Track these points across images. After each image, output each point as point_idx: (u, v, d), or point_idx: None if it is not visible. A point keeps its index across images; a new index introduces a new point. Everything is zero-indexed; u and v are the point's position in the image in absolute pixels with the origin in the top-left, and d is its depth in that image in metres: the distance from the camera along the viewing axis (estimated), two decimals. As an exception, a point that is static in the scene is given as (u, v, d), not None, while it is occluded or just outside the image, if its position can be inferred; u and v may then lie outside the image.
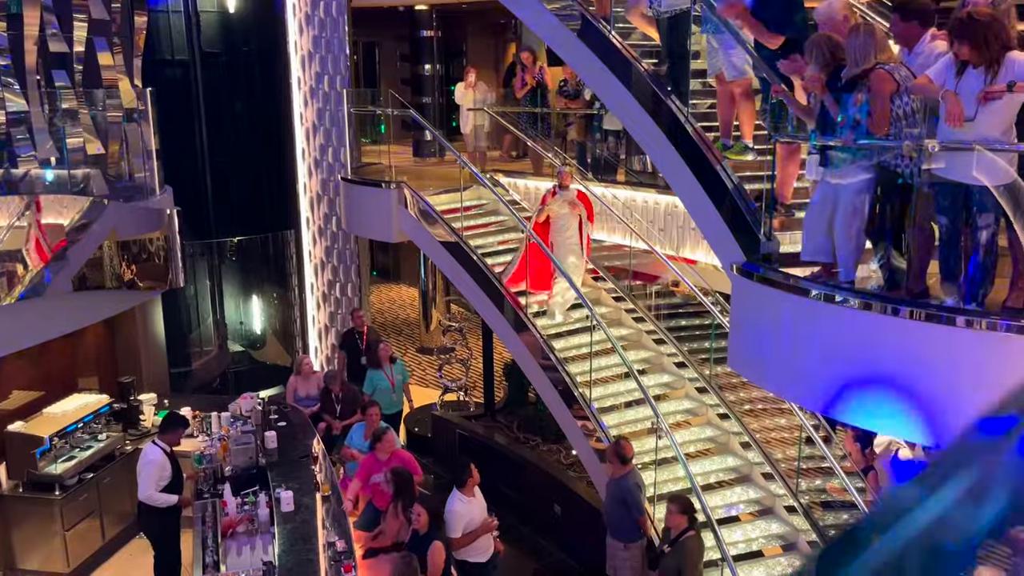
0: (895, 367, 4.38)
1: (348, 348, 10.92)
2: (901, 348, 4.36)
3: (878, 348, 4.46)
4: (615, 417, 8.41)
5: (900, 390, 4.35)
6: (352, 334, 11.01)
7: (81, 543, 8.16)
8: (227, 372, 12.72)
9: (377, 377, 9.81)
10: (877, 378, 4.43)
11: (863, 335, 4.54)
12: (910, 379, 4.30)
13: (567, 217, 9.07)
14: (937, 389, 4.23)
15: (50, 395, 8.72)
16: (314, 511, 7.00)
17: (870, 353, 4.50)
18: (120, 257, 8.92)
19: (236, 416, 8.71)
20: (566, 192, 9.06)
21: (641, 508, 7.00)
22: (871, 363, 4.48)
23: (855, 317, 4.59)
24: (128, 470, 7.81)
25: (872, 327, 4.48)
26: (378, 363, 9.83)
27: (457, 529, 6.65)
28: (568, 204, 9.05)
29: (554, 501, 8.69)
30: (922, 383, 4.28)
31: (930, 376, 4.25)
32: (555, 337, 9.02)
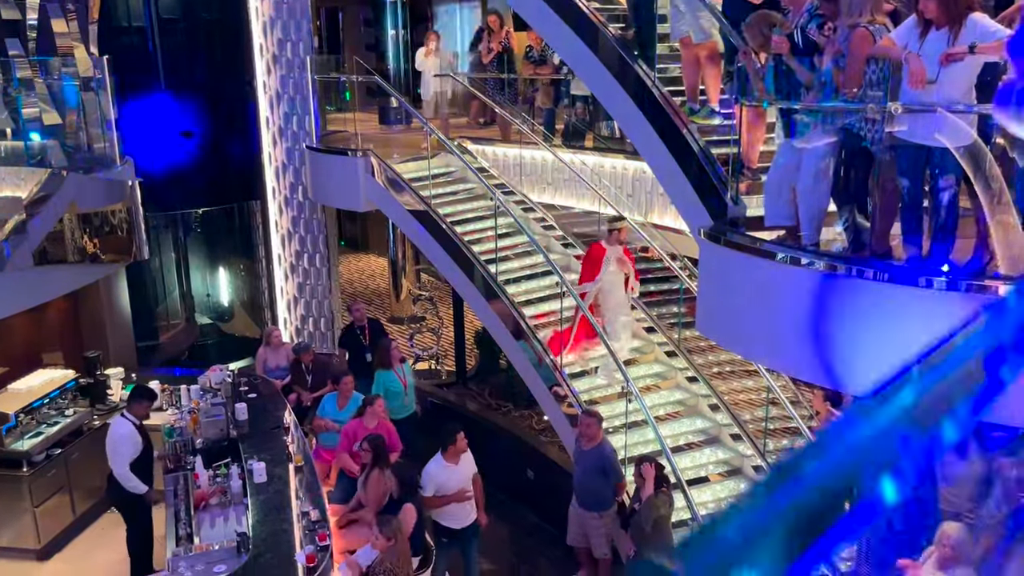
0: (860, 327, 4.46)
1: (350, 345, 10.04)
2: (866, 308, 4.44)
3: (844, 309, 4.53)
4: (586, 382, 8.48)
5: (865, 350, 4.43)
6: (352, 330, 10.10)
7: (51, 519, 8.10)
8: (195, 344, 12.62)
9: (388, 378, 8.92)
10: (843, 339, 4.52)
11: (829, 297, 4.61)
12: (875, 339, 4.38)
13: (615, 276, 8.33)
14: (901, 349, 4.31)
15: (14, 371, 8.59)
16: (287, 482, 7.00)
17: (836, 314, 4.58)
18: (81, 230, 8.76)
19: (206, 389, 8.66)
20: (615, 249, 8.30)
21: (621, 473, 7.13)
22: (837, 324, 4.56)
23: (821, 279, 4.65)
24: (97, 445, 7.74)
25: (837, 289, 4.55)
26: (388, 363, 8.99)
27: (428, 489, 6.76)
28: (617, 263, 8.32)
29: (527, 466, 8.78)
30: (887, 343, 4.36)
31: (894, 336, 4.33)
32: (525, 304, 9.04)
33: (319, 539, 6.08)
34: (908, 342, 4.37)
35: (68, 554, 8.16)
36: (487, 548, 8.05)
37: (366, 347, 9.78)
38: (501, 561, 8.00)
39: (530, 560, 7.97)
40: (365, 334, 9.93)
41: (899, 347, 4.34)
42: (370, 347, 9.68)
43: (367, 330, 9.98)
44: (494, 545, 8.23)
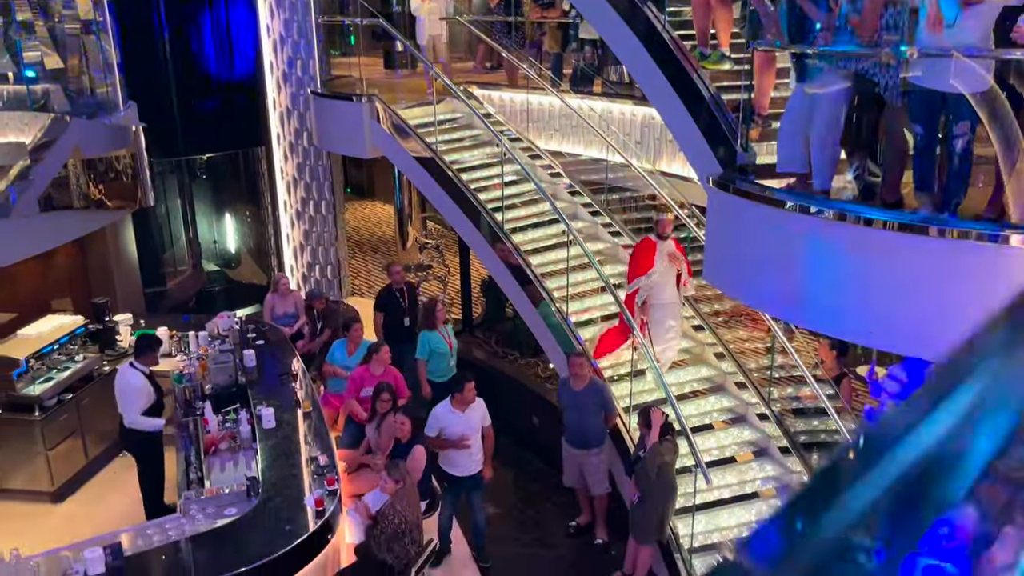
0: (869, 277, 4.43)
1: (387, 308, 9.52)
2: (875, 258, 4.41)
3: (852, 258, 4.50)
4: (591, 331, 8.50)
5: (874, 300, 4.41)
6: (390, 292, 9.59)
7: (64, 462, 8.23)
8: (203, 291, 12.66)
9: (433, 339, 8.57)
10: (852, 288, 4.49)
11: (838, 245, 4.57)
12: (884, 289, 4.36)
13: (666, 273, 7.76)
14: (910, 299, 4.29)
15: (23, 317, 8.65)
16: (295, 427, 7.09)
17: (844, 263, 4.55)
18: (86, 176, 8.71)
19: (214, 335, 8.72)
20: (666, 243, 7.72)
21: (614, 406, 7.33)
22: (845, 273, 4.53)
23: (830, 228, 4.61)
24: (107, 390, 7.82)
25: (846, 237, 4.51)
26: (433, 324, 8.63)
27: (432, 430, 6.86)
28: (668, 257, 7.70)
29: (532, 413, 8.85)
30: (896, 293, 4.34)
31: (903, 286, 4.31)
32: (532, 253, 9.02)
33: (328, 483, 6.17)
34: (917, 292, 4.36)
35: (81, 496, 8.31)
36: (492, 493, 8.16)
37: (404, 310, 9.45)
38: (506, 506, 8.13)
39: (534, 505, 8.09)
40: (404, 297, 9.53)
41: (908, 297, 4.32)
42: (408, 311, 9.39)
43: (405, 293, 9.58)
44: (499, 490, 8.34)
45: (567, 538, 7.54)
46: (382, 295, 9.65)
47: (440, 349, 8.47)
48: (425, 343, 8.46)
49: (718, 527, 7.06)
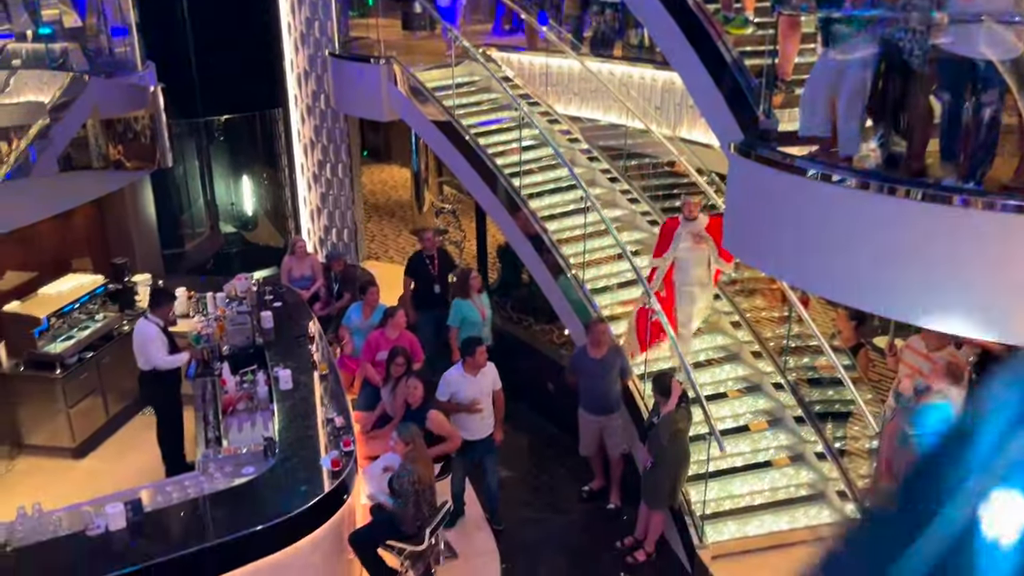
0: (890, 247, 4.38)
1: (417, 275, 9.29)
2: (897, 228, 4.35)
3: (874, 228, 4.45)
4: (608, 297, 8.49)
5: (895, 270, 4.36)
6: (420, 258, 9.33)
7: (85, 420, 8.36)
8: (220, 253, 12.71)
9: (465, 307, 8.40)
10: (872, 258, 4.44)
11: (860, 215, 4.51)
12: (905, 259, 4.31)
13: (691, 253, 7.54)
14: (932, 269, 4.24)
15: (44, 276, 8.73)
16: (312, 389, 7.15)
17: (867, 233, 4.49)
18: (105, 136, 8.72)
19: (231, 297, 8.77)
20: (692, 224, 7.49)
21: (630, 368, 7.40)
22: (867, 243, 4.48)
23: (852, 196, 4.55)
24: (126, 349, 7.91)
25: (869, 206, 4.45)
26: (467, 292, 8.46)
27: (444, 394, 6.90)
28: (693, 238, 7.47)
29: (547, 379, 8.87)
30: (917, 263, 4.29)
31: (926, 256, 4.26)
32: (548, 219, 8.98)
33: (344, 445, 6.23)
34: (940, 263, 4.31)
35: (102, 453, 8.45)
36: (506, 458, 8.22)
37: (434, 277, 9.20)
38: (520, 470, 8.19)
39: (548, 469, 8.15)
40: (434, 264, 9.26)
41: (931, 268, 4.27)
42: (439, 278, 9.18)
43: (436, 260, 9.31)
44: (513, 455, 8.40)
45: (580, 503, 7.60)
46: (412, 261, 9.43)
47: (472, 318, 8.32)
48: (458, 311, 8.35)
49: (731, 494, 7.09)
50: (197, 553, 5.18)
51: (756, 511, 7.04)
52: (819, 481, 7.21)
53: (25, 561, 5.04)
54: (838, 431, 7.53)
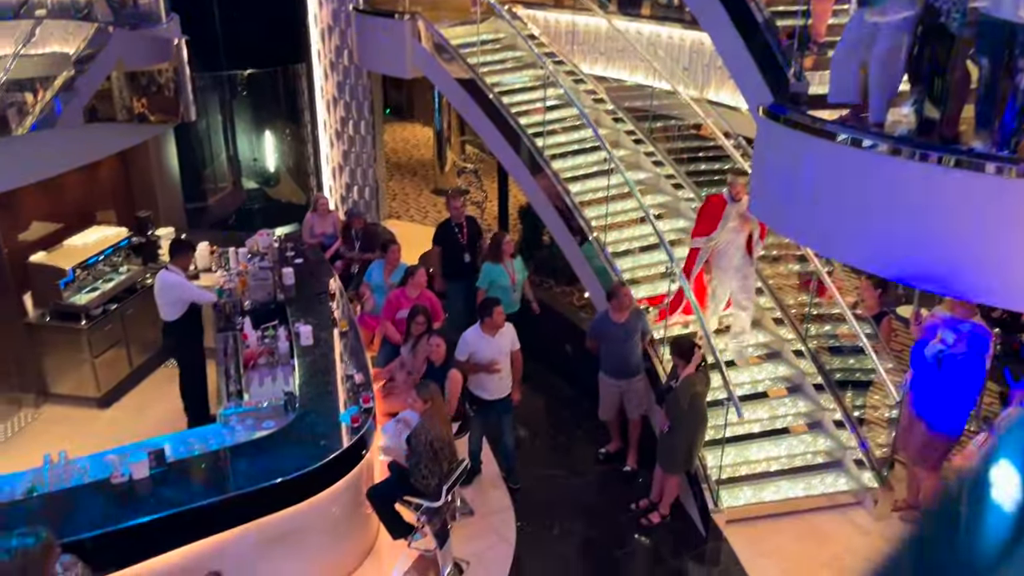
0: (920, 215, 4.30)
1: (445, 242, 9.02)
2: (928, 195, 4.27)
3: (904, 195, 4.37)
4: (629, 261, 8.44)
5: (925, 239, 4.29)
6: (449, 226, 9.04)
7: (109, 370, 8.48)
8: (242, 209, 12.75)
9: (495, 271, 8.21)
10: (902, 226, 4.37)
11: (890, 181, 4.43)
12: (936, 227, 4.24)
13: (734, 235, 7.41)
14: (963, 238, 4.17)
15: (69, 228, 8.80)
16: (332, 345, 7.20)
17: (896, 200, 4.41)
18: (129, 89, 8.73)
19: (253, 252, 8.81)
20: (738, 205, 7.30)
21: (650, 329, 7.41)
22: (896, 210, 4.41)
23: (883, 163, 4.47)
24: (150, 301, 7.99)
25: (900, 173, 4.37)
26: (498, 256, 8.24)
27: (462, 354, 6.92)
28: (739, 219, 7.32)
29: (566, 341, 8.88)
30: (947, 232, 4.21)
31: (956, 225, 4.18)
32: (571, 181, 8.91)
33: (363, 401, 6.28)
34: (971, 232, 4.23)
35: (126, 403, 8.59)
36: (523, 418, 8.28)
37: (463, 246, 8.94)
38: (537, 431, 8.24)
39: (565, 431, 8.19)
40: (463, 232, 8.99)
41: (962, 237, 4.20)
42: (468, 247, 8.95)
43: (465, 228, 9.03)
44: (530, 416, 8.45)
45: (596, 464, 7.65)
46: (440, 229, 9.14)
47: (502, 283, 8.17)
48: (487, 275, 8.23)
49: (747, 460, 7.10)
50: (218, 504, 5.27)
51: (772, 477, 7.05)
52: (837, 449, 7.20)
53: (51, 507, 5.15)
54: (858, 400, 7.50)
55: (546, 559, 6.49)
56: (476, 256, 8.87)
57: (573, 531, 6.79)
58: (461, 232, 8.95)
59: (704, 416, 6.64)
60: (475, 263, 8.77)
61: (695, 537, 6.72)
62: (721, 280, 7.63)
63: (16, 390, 8.28)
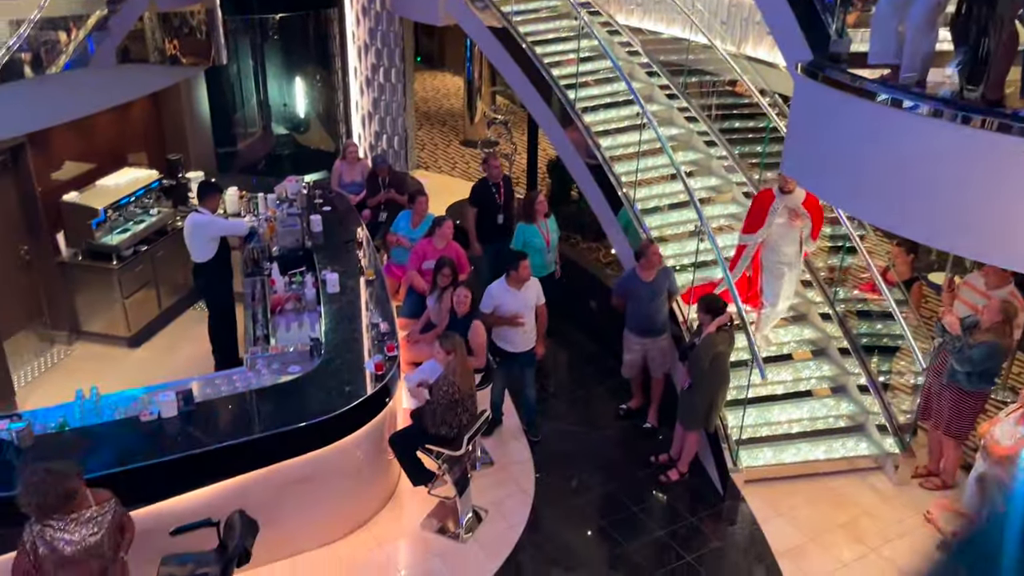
0: (959, 179, 4.20)
1: (481, 203, 8.76)
2: (968, 160, 4.16)
3: (944, 159, 4.26)
4: (658, 219, 8.37)
5: (963, 203, 4.20)
6: (486, 186, 8.78)
7: (139, 311, 8.61)
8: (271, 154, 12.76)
9: (529, 232, 8.04)
10: (941, 190, 4.28)
11: (930, 144, 4.32)
12: (974, 192, 4.14)
13: (784, 230, 7.14)
14: (1002, 204, 4.07)
15: (102, 168, 8.88)
16: (358, 294, 7.25)
17: (935, 164, 4.31)
18: (162, 30, 8.71)
19: (282, 199, 8.85)
20: (788, 198, 7.06)
21: (677, 287, 7.33)
22: (935, 174, 4.31)
23: (923, 125, 4.35)
24: (179, 244, 8.08)
25: (940, 136, 4.26)
26: (532, 216, 8.06)
27: (487, 306, 6.95)
28: (789, 214, 7.08)
29: (590, 297, 8.86)
30: (986, 197, 4.12)
31: (996, 190, 4.08)
32: (602, 135, 8.80)
33: (387, 350, 6.34)
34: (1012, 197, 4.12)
35: (155, 343, 8.74)
36: (546, 373, 8.32)
37: (499, 207, 8.72)
38: (558, 386, 8.28)
39: (586, 386, 8.22)
40: (500, 193, 8.75)
41: (1002, 202, 4.10)
42: (504, 208, 8.73)
43: (502, 188, 8.80)
44: (553, 370, 8.49)
45: (616, 420, 7.68)
46: (477, 189, 8.88)
47: (535, 243, 8.01)
48: (520, 235, 8.06)
49: (768, 421, 7.10)
50: (243, 445, 5.37)
51: (793, 439, 7.05)
52: (859, 414, 7.17)
53: (82, 442, 5.28)
54: (883, 365, 7.44)
55: (564, 511, 6.57)
56: (510, 218, 8.72)
57: (591, 484, 6.86)
58: (498, 192, 8.73)
59: (726, 375, 6.62)
60: (508, 224, 8.60)
61: (713, 495, 6.77)
62: (769, 279, 7.37)
63: (49, 327, 8.46)
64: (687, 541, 6.30)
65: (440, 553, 6.09)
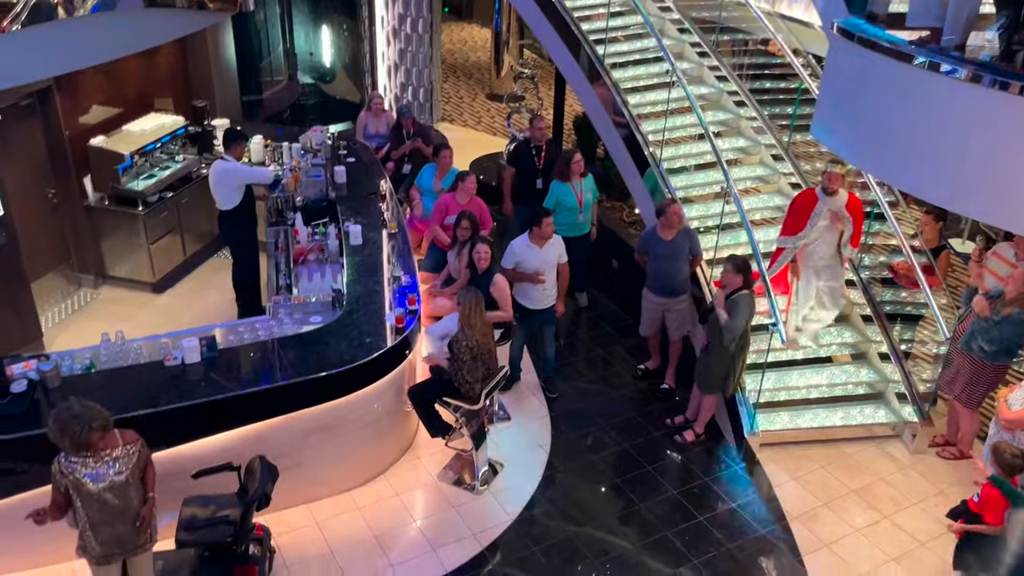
0: (996, 147, 4.11)
1: (520, 165, 8.54)
2: (1007, 128, 4.06)
3: (982, 125, 4.16)
4: (683, 179, 8.28)
5: (999, 171, 4.11)
6: (527, 148, 8.53)
7: (164, 256, 8.69)
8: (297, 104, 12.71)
9: (563, 191, 7.85)
10: (976, 157, 4.19)
11: (967, 110, 4.22)
12: (1010, 162, 4.05)
13: (825, 233, 6.92)
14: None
15: (128, 113, 8.89)
16: (381, 246, 7.27)
17: (972, 131, 4.22)
18: (189, -25, 8.64)
19: (307, 149, 8.83)
20: (831, 200, 6.85)
21: (700, 249, 7.22)
22: (971, 142, 4.21)
23: (961, 90, 4.25)
24: (204, 192, 8.11)
25: (978, 101, 4.16)
26: (567, 175, 7.84)
27: (509, 262, 6.95)
28: (831, 216, 6.84)
29: (612, 256, 8.83)
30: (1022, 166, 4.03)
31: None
32: (631, 92, 8.68)
33: (408, 303, 6.37)
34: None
35: (180, 290, 8.83)
36: (564, 330, 8.33)
37: (539, 170, 8.42)
38: (577, 344, 8.29)
39: (605, 345, 8.23)
40: (541, 156, 8.45)
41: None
42: (543, 171, 8.41)
43: (544, 151, 8.48)
44: (572, 328, 8.50)
45: (633, 380, 7.71)
46: (518, 149, 8.65)
47: (567, 202, 7.83)
48: (554, 193, 7.88)
49: (786, 386, 7.09)
50: (265, 392, 5.45)
51: (811, 404, 7.05)
52: (879, 381, 7.14)
53: (108, 384, 5.38)
54: (906, 333, 7.38)
55: (578, 467, 6.63)
56: (549, 183, 8.32)
57: (606, 442, 6.91)
58: (539, 155, 8.47)
59: (746, 340, 6.60)
60: (547, 189, 8.27)
61: (727, 457, 6.80)
62: (806, 282, 7.17)
63: (76, 270, 8.56)
64: (700, 501, 6.34)
65: (456, 504, 6.19)
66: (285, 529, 5.82)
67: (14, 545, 5.24)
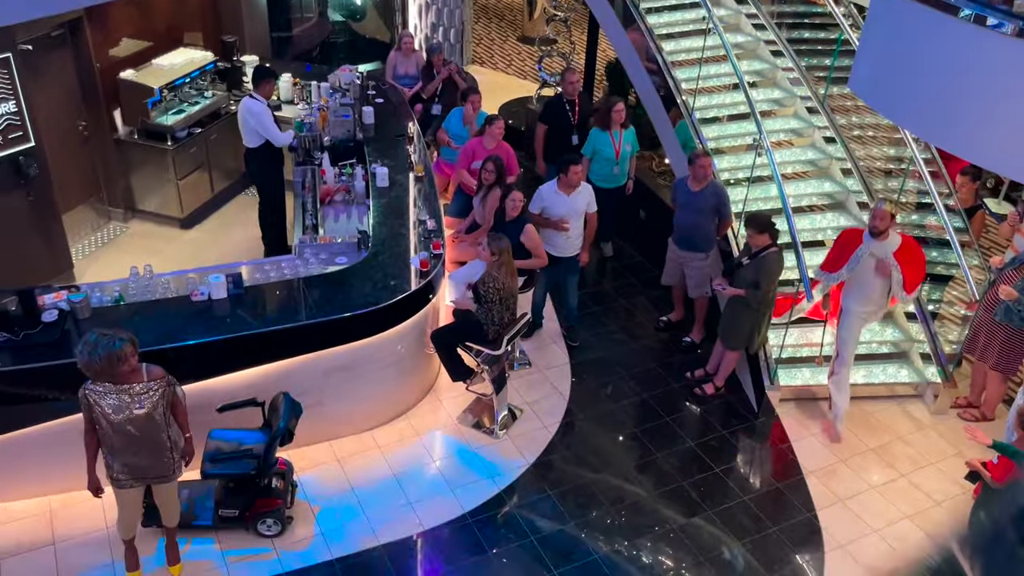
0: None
1: (552, 120, 8.29)
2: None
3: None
4: (715, 130, 8.15)
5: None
6: (560, 102, 8.29)
7: (192, 192, 8.74)
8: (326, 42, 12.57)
9: (601, 140, 7.66)
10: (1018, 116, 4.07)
11: (1012, 67, 4.09)
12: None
13: (870, 277, 6.14)
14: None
15: (157, 47, 8.85)
16: (407, 189, 7.25)
17: (1017, 88, 4.09)
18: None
19: (335, 88, 8.77)
20: (878, 245, 6.08)
21: (730, 210, 7.09)
22: (1016, 100, 4.09)
23: (1005, 45, 4.11)
24: (233, 128, 8.10)
25: None
26: (607, 124, 7.63)
27: (535, 207, 6.92)
28: (876, 264, 6.08)
29: (640, 207, 8.75)
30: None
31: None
32: (665, 38, 8.49)
33: (433, 247, 6.38)
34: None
35: (207, 226, 8.89)
36: (588, 280, 8.32)
37: (572, 126, 8.20)
38: (600, 293, 8.28)
39: (628, 296, 8.21)
40: (575, 111, 8.20)
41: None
42: (578, 127, 8.19)
43: (577, 106, 8.22)
44: (596, 278, 8.48)
45: (655, 331, 7.70)
46: (551, 104, 8.43)
47: (604, 152, 7.67)
48: (591, 141, 7.72)
49: (809, 342, 7.05)
50: (289, 330, 5.52)
51: (833, 362, 7.01)
52: (904, 341, 7.08)
53: (136, 317, 5.47)
54: (934, 294, 7.29)
55: (597, 415, 6.69)
56: (584, 138, 8.01)
57: (626, 392, 6.94)
58: (573, 111, 8.20)
59: (773, 298, 6.55)
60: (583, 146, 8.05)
61: (746, 411, 6.81)
62: (845, 325, 6.37)
63: (106, 203, 8.64)
64: (717, 453, 6.39)
65: (475, 447, 6.27)
66: (307, 465, 5.95)
67: (46, 470, 5.40)
